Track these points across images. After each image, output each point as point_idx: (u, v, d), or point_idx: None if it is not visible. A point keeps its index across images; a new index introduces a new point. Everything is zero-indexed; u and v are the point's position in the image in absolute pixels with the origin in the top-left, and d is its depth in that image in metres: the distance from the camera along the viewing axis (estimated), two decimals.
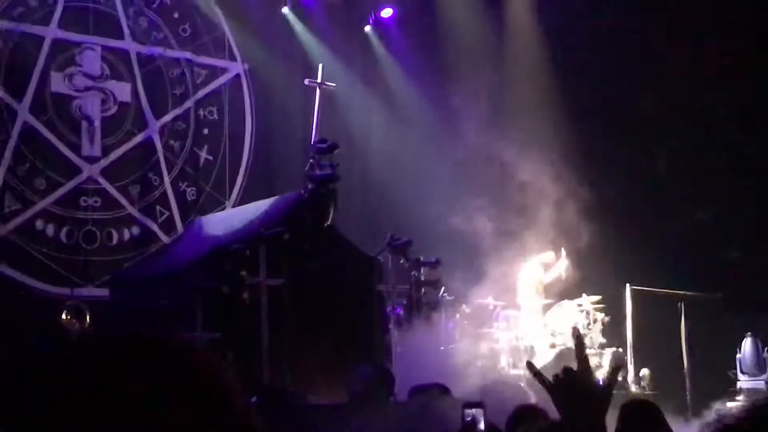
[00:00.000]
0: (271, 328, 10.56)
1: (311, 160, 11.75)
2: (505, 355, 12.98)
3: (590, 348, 13.33)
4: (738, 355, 13.80)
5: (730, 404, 12.77)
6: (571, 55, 15.51)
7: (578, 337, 2.17)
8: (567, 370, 2.15)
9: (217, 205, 14.84)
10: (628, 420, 4.26)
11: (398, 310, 12.85)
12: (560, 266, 13.59)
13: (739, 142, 15.46)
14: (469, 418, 3.81)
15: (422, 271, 12.71)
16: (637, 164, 15.54)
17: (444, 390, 9.44)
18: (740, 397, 13.25)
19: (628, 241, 14.60)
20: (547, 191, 13.84)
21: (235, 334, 10.30)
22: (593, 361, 13.01)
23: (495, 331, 13.32)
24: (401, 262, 12.61)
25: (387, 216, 15.21)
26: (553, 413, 3.18)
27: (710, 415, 1.52)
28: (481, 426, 3.76)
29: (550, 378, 2.26)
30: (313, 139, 12.46)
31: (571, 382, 2.10)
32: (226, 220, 12.70)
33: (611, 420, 4.52)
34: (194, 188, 14.80)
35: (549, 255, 13.62)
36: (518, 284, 13.67)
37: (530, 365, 2.27)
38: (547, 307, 13.76)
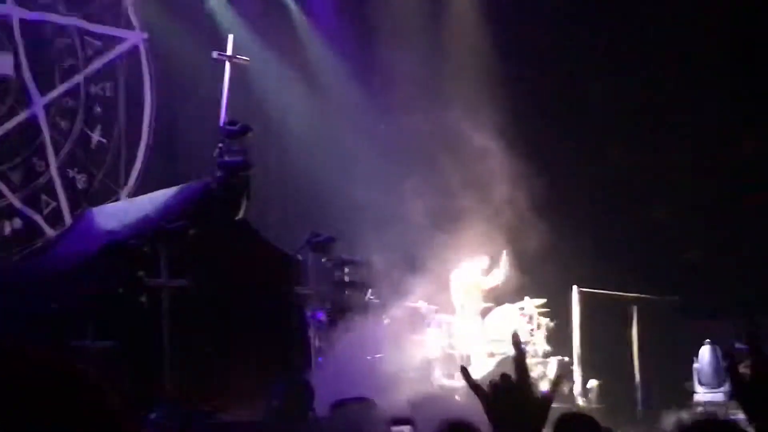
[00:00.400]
0: (173, 336, 10.52)
1: (220, 145, 11.72)
2: (439, 365, 13.12)
3: (533, 356, 13.54)
4: (695, 365, 14.13)
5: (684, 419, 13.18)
6: (514, 31, 15.69)
7: (518, 344, 2.25)
8: (505, 379, 2.23)
9: (112, 194, 14.68)
10: None
11: (320, 315, 12.88)
12: (501, 271, 13.77)
13: (698, 135, 15.82)
14: None
15: (347, 271, 12.78)
16: (588, 157, 15.80)
17: (370, 404, 9.52)
18: (698, 411, 13.59)
19: (576, 239, 14.85)
20: (488, 185, 14.02)
21: (132, 343, 10.24)
22: (537, 371, 13.23)
23: (428, 338, 13.43)
24: (323, 261, 12.65)
25: (308, 208, 15.23)
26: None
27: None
28: None
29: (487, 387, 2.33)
30: (222, 121, 12.41)
31: (508, 393, 2.17)
32: (121, 211, 12.60)
33: None
34: (85, 175, 14.62)
35: (485, 260, 13.78)
36: (453, 286, 13.82)
37: (465, 372, 2.34)
38: (485, 312, 13.94)
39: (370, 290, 13.04)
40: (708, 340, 14.13)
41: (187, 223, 10.81)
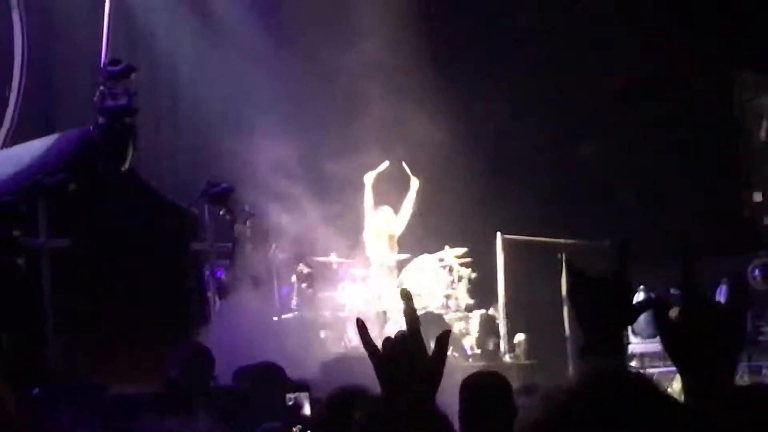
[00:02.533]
0: (57, 302, 10.35)
1: (101, 88, 11.47)
2: (353, 324, 13.11)
3: (455, 311, 13.62)
4: None
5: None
6: None
7: (407, 297, 2.19)
8: (399, 337, 2.18)
9: None
10: (470, 399, 4.34)
11: (219, 274, 12.77)
12: (408, 203, 13.78)
13: (629, 66, 15.95)
14: (291, 403, 3.84)
15: (248, 224, 12.65)
16: (510, 93, 15.83)
17: (277, 371, 9.47)
18: (633, 363, 13.80)
19: (498, 180, 14.90)
20: (402, 120, 13.97)
21: (9, 311, 10.04)
22: (459, 327, 13.32)
23: (340, 295, 13.42)
24: (221, 213, 12.52)
25: (203, 156, 15.05)
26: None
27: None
28: (306, 410, 3.79)
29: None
30: (103, 60, 12.14)
31: (400, 352, 2.13)
32: None
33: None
34: None
35: (388, 209, 13.76)
36: (365, 237, 13.79)
37: (360, 326, 2.28)
38: (402, 264, 13.95)
39: (274, 245, 12.94)
40: (642, 286, 14.30)
41: (67, 176, 10.59)
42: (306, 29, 15.07)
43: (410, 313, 2.19)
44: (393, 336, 2.18)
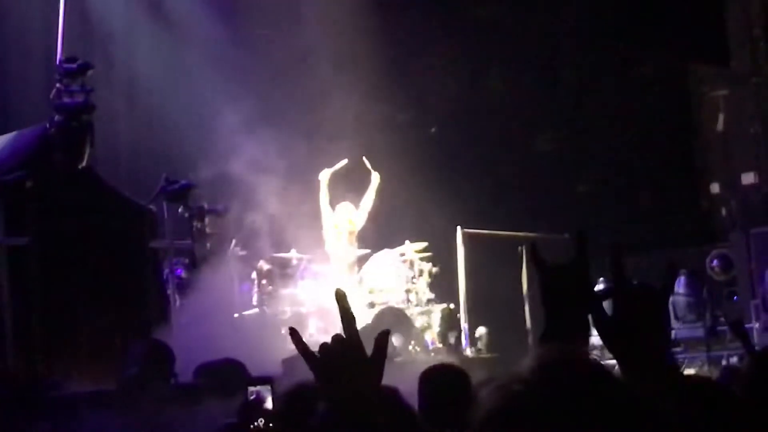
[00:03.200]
0: (14, 300, 10.27)
1: (57, 85, 11.36)
2: (314, 319, 13.08)
3: (416, 305, 13.62)
4: None
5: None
6: None
7: (341, 298, 2.18)
8: (335, 340, 2.17)
9: None
10: (428, 393, 4.34)
11: (179, 271, 12.70)
12: (368, 194, 13.74)
13: (586, 57, 16.02)
14: (252, 396, 3.82)
15: (207, 221, 12.60)
16: (469, 84, 15.85)
17: (238, 367, 9.43)
18: (594, 354, 13.87)
19: (457, 175, 14.92)
20: (360, 114, 13.96)
21: None
22: (421, 321, 13.32)
23: (300, 291, 13.39)
24: (180, 210, 12.46)
25: (162, 153, 14.95)
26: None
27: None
28: (268, 404, 3.77)
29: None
30: (58, 57, 12.03)
31: (337, 354, 2.11)
32: None
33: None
34: None
35: (349, 205, 13.73)
36: (324, 232, 13.76)
37: (294, 334, 2.26)
38: (362, 260, 13.93)
39: (234, 241, 12.89)
40: (602, 278, 14.35)
41: (24, 174, 10.50)
42: (261, 23, 15.02)
43: (346, 314, 2.18)
44: (332, 340, 2.17)
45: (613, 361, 2.30)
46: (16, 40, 14.86)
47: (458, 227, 14.29)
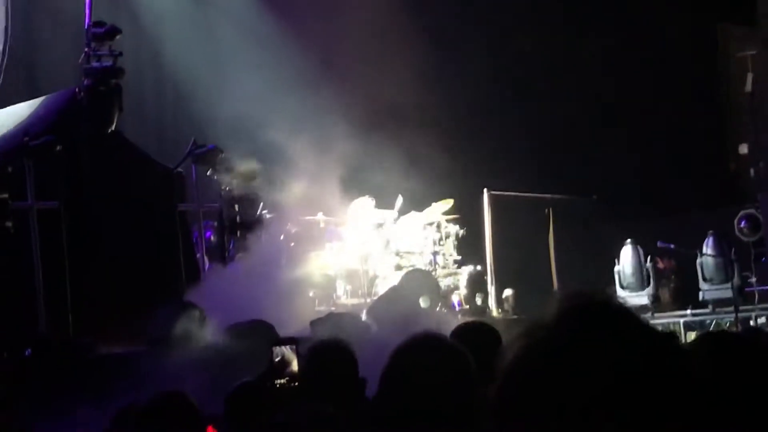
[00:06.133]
0: (45, 263, 10.34)
1: (86, 49, 11.41)
2: (342, 282, 13.14)
3: (443, 267, 13.65)
4: (616, 267, 14.37)
5: None
6: None
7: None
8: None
9: None
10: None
11: (208, 234, 12.77)
12: (393, 213, 13.70)
13: (614, 16, 15.91)
14: (278, 358, 3.86)
15: (235, 184, 12.64)
16: (496, 48, 15.77)
17: (267, 328, 9.51)
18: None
19: (483, 137, 14.90)
20: (385, 79, 13.92)
21: None
22: (448, 283, 13.34)
23: (328, 254, 13.43)
24: (208, 174, 12.50)
25: (190, 117, 14.98)
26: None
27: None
28: (294, 367, 3.81)
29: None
30: (87, 22, 12.07)
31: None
32: None
33: None
34: None
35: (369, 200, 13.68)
36: (350, 215, 13.75)
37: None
38: (389, 222, 13.94)
39: (262, 204, 12.94)
40: (629, 240, 14.35)
41: (54, 138, 10.54)
42: None
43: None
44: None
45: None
46: (45, 4, 14.89)
47: (485, 189, 14.28)
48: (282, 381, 3.84)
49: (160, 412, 3.79)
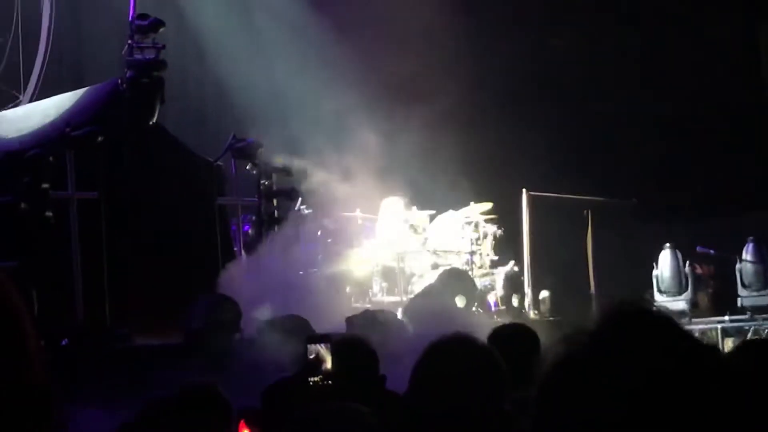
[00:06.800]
0: (84, 253, 10.40)
1: (129, 41, 11.45)
2: (378, 279, 13.13)
3: (480, 267, 13.61)
4: (654, 271, 14.27)
5: None
6: None
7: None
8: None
9: (10, 100, 14.40)
10: (498, 350, 4.34)
11: (246, 228, 12.80)
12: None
13: (656, 18, 15.80)
14: (312, 356, 3.85)
15: (274, 178, 12.66)
16: (533, 51, 15.71)
17: (303, 323, 9.51)
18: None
19: (523, 137, 14.83)
20: (428, 78, 13.90)
21: (37, 262, 10.08)
22: (484, 282, 13.30)
23: (365, 251, 13.42)
24: (248, 168, 12.52)
25: (230, 111, 15.04)
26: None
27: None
28: (328, 365, 3.79)
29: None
30: (131, 14, 12.12)
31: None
32: (21, 118, 12.33)
33: None
34: None
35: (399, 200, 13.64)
36: (382, 214, 13.73)
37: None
38: (427, 221, 13.92)
39: (300, 199, 12.95)
40: (668, 244, 14.25)
41: (96, 129, 10.59)
42: None
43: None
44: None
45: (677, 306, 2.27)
46: None
47: (523, 190, 14.23)
48: (316, 379, 3.82)
49: (190, 404, 3.77)
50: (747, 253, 13.89)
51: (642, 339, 1.45)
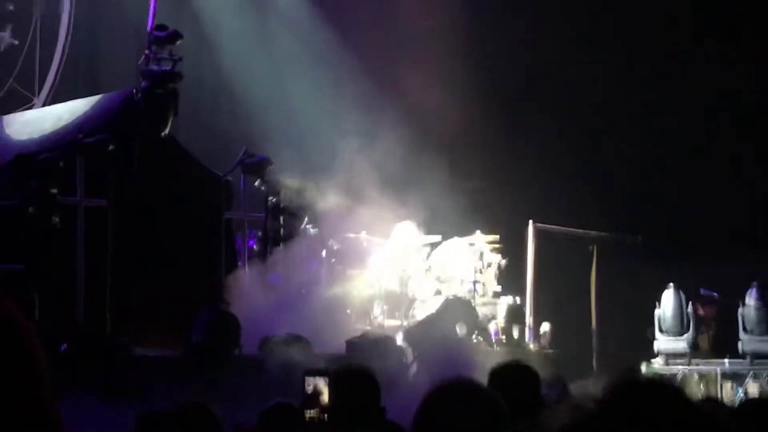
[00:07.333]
0: (89, 260, 10.41)
1: (147, 52, 11.50)
2: (380, 302, 13.12)
3: (483, 296, 13.60)
4: (657, 310, 14.24)
5: (644, 369, 13.18)
6: None
7: None
8: None
9: (24, 102, 14.44)
10: (498, 389, 4.34)
11: (251, 243, 12.81)
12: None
13: (671, 61, 15.82)
14: (310, 388, 3.86)
15: (282, 196, 12.68)
16: (543, 82, 15.71)
17: (302, 341, 9.52)
18: (657, 360, 13.75)
19: (533, 169, 14.84)
20: (438, 101, 13.93)
21: (42, 267, 10.10)
22: (486, 312, 13.29)
23: (369, 273, 13.42)
24: (256, 184, 12.55)
25: (243, 126, 15.07)
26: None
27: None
28: (325, 398, 3.81)
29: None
30: (149, 25, 12.18)
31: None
32: (34, 121, 12.37)
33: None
34: None
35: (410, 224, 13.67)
36: (394, 239, 13.73)
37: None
38: (432, 245, 13.92)
39: (307, 218, 12.97)
40: (672, 283, 14.23)
41: (107, 137, 10.62)
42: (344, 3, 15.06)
43: None
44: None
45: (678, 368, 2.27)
46: (107, 6, 15.05)
47: (530, 221, 14.23)
48: (312, 413, 3.84)
49: (183, 421, 3.79)
50: (750, 298, 13.86)
51: (650, 410, 1.45)
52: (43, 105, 14.29)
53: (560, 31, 15.70)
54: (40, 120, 12.31)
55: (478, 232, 13.88)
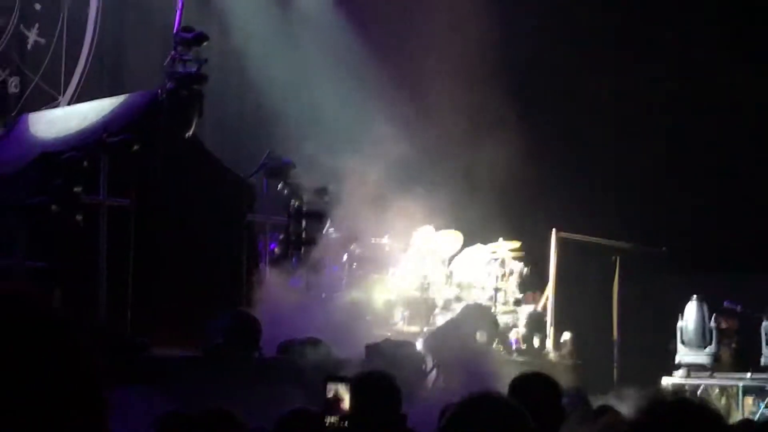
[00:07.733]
0: (111, 259, 10.45)
1: (172, 53, 11.54)
2: (401, 308, 13.11)
3: (504, 304, 13.57)
4: (679, 323, 14.16)
5: (665, 381, 13.11)
6: None
7: None
8: None
9: (49, 101, 14.50)
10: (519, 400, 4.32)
11: (273, 246, 12.82)
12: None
13: (693, 66, 15.75)
14: (331, 394, 3.86)
15: (305, 199, 12.69)
16: (569, 92, 15.67)
17: (321, 346, 9.51)
18: (678, 373, 13.66)
19: (557, 177, 14.80)
20: (464, 116, 13.91)
21: (64, 265, 10.15)
22: (507, 320, 13.26)
23: (390, 279, 13.41)
24: (279, 187, 12.56)
25: (267, 129, 15.09)
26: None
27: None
28: (346, 405, 3.80)
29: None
30: (176, 26, 12.21)
31: None
32: (59, 120, 12.43)
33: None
34: (18, 78, 14.41)
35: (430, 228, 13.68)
36: (414, 245, 13.72)
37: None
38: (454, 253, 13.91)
39: (329, 222, 12.97)
40: (695, 296, 14.15)
41: (132, 137, 10.65)
42: (373, 5, 15.06)
43: None
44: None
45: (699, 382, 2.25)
46: (134, 7, 15.09)
47: (553, 230, 14.20)
48: (333, 420, 3.83)
49: (207, 427, 3.79)
50: None
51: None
52: (68, 104, 14.35)
53: (591, 39, 15.69)
54: (66, 119, 12.36)
55: (500, 239, 13.86)
